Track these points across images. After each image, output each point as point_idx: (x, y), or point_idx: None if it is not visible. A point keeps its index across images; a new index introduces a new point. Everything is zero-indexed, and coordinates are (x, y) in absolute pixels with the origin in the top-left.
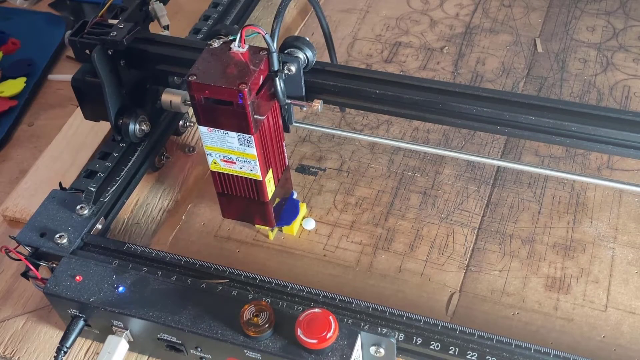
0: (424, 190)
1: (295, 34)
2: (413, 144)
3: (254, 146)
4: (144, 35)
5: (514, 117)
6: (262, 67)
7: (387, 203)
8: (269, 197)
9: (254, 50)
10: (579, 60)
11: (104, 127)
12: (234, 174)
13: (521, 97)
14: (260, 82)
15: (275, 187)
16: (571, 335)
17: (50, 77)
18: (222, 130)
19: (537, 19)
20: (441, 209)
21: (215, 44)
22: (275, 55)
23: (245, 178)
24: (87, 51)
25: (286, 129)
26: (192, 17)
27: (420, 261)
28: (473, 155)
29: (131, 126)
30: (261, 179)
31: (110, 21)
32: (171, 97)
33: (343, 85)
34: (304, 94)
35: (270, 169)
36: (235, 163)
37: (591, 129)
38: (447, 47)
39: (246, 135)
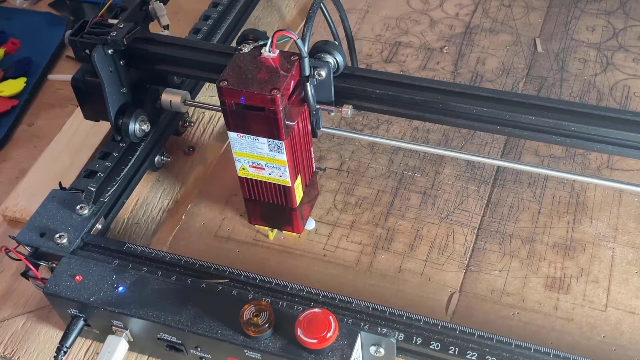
0: (423, 190)
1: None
2: (413, 144)
3: (284, 152)
4: (144, 35)
5: (514, 117)
6: (293, 73)
7: (387, 203)
8: (298, 203)
9: (285, 55)
10: (579, 60)
11: (104, 127)
12: (263, 180)
13: (521, 97)
14: (292, 87)
15: (303, 192)
16: (571, 335)
17: (50, 77)
18: (252, 136)
19: (537, 18)
20: (441, 208)
21: (245, 49)
22: (306, 61)
23: (274, 184)
24: (87, 51)
25: (314, 134)
26: (192, 17)
27: (420, 261)
28: (473, 155)
29: (131, 126)
30: (290, 185)
31: (110, 21)
32: (171, 97)
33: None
34: (333, 99)
35: (299, 175)
36: (264, 169)
37: (591, 129)
38: (447, 47)
39: (277, 141)
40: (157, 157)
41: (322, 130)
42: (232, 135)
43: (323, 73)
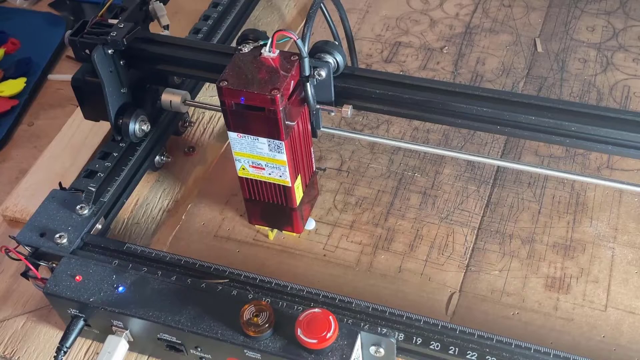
0: (424, 190)
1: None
2: (413, 144)
3: (284, 152)
4: (144, 35)
5: (514, 117)
6: (293, 73)
7: (387, 203)
8: (297, 203)
9: (285, 56)
10: (578, 60)
11: (104, 127)
12: (263, 180)
13: (521, 97)
14: (292, 87)
15: (303, 192)
16: (571, 335)
17: (50, 77)
18: (252, 136)
19: (537, 19)
20: (441, 208)
21: (245, 49)
22: (306, 61)
23: (274, 184)
24: (87, 51)
25: (314, 134)
26: (192, 17)
27: (420, 261)
28: (473, 155)
29: (131, 126)
30: (290, 185)
31: (110, 21)
32: (171, 97)
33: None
34: (333, 99)
35: (299, 175)
36: (264, 169)
37: (591, 129)
38: (447, 47)
39: (277, 141)
40: (157, 157)
41: (322, 130)
42: (232, 135)
43: (323, 73)
